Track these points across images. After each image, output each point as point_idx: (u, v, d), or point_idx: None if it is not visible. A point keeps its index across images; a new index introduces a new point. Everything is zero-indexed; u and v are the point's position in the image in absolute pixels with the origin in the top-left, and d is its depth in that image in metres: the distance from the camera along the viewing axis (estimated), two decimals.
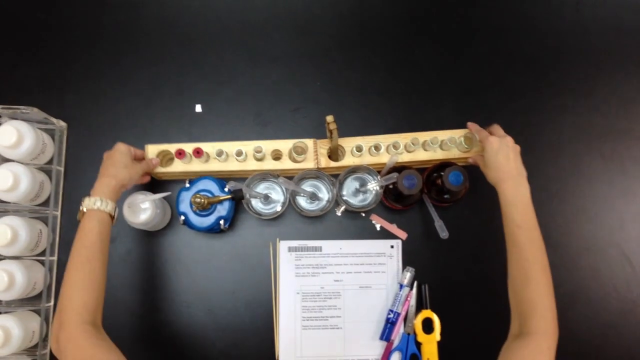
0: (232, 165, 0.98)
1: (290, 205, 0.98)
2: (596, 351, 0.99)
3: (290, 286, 1.00)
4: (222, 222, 0.94)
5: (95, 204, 0.79)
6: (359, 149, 0.97)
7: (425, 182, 0.98)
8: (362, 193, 1.01)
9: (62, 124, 1.03)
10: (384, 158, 0.98)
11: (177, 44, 1.09)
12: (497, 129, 0.91)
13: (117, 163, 0.87)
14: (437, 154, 0.99)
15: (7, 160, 0.95)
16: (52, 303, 0.98)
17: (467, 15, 1.12)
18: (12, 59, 1.07)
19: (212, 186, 0.94)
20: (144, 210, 0.91)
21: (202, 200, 0.89)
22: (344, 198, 1.00)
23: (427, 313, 0.99)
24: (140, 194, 0.91)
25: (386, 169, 0.98)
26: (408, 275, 0.99)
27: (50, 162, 1.01)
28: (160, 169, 0.97)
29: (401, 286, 0.99)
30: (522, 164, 0.86)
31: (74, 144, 1.04)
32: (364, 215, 1.03)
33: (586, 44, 1.11)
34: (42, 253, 0.98)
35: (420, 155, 0.99)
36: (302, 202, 1.01)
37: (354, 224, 1.03)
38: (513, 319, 0.80)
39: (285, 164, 0.98)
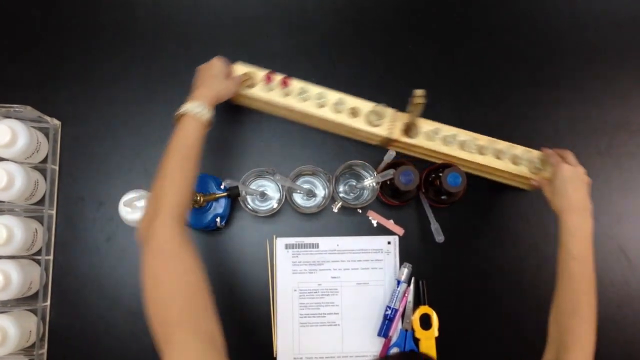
0: (310, 108, 0.97)
1: (287, 202, 0.98)
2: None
3: (288, 283, 1.00)
4: (218, 219, 0.93)
5: (195, 109, 0.81)
6: (436, 132, 0.96)
7: (424, 182, 0.98)
8: (358, 189, 1.01)
9: (56, 122, 1.03)
10: (455, 151, 0.96)
11: (172, 41, 1.08)
12: (569, 156, 0.89)
13: (213, 76, 0.89)
14: (508, 166, 0.96)
15: (1, 159, 0.94)
16: (48, 302, 0.98)
17: (462, 11, 1.12)
18: (5, 57, 1.06)
19: (208, 184, 0.94)
20: (139, 208, 0.90)
21: (198, 198, 0.89)
22: (340, 194, 1.00)
23: (424, 309, 0.99)
24: (136, 192, 0.91)
25: (383, 164, 0.98)
26: (405, 271, 0.99)
27: (44, 160, 1.00)
28: (245, 91, 0.96)
29: (398, 282, 0.99)
30: (589, 198, 0.85)
31: (69, 142, 1.03)
32: (360, 211, 1.03)
33: (581, 38, 1.11)
34: (38, 252, 0.97)
35: (491, 162, 0.96)
36: (299, 198, 1.01)
37: (351, 221, 1.03)
38: (549, 346, 0.79)
39: (360, 123, 0.96)
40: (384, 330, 0.98)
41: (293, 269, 1.01)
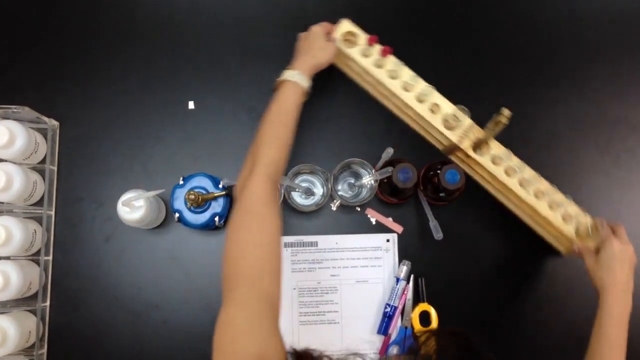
0: (396, 88, 0.95)
1: (285, 200, 0.98)
2: None
3: (287, 282, 1.00)
4: (217, 218, 0.93)
5: (294, 77, 0.85)
6: (504, 157, 0.92)
7: (422, 179, 0.98)
8: (357, 187, 1.01)
9: (54, 123, 1.03)
10: (514, 184, 0.92)
11: (169, 41, 1.08)
12: (622, 231, 0.87)
13: (314, 44, 0.92)
14: (557, 219, 0.92)
15: None
16: (47, 303, 0.98)
17: (461, 9, 1.11)
18: (3, 57, 1.06)
19: (206, 183, 0.94)
20: (138, 208, 0.90)
21: (197, 197, 0.89)
22: (339, 193, 1.00)
23: (424, 306, 0.99)
24: (134, 192, 0.91)
25: (381, 162, 0.98)
26: (404, 268, 0.99)
27: (43, 161, 1.01)
28: (344, 48, 0.97)
29: (398, 280, 0.99)
30: (633, 279, 0.83)
31: (67, 143, 1.03)
32: (359, 209, 1.03)
33: (579, 35, 1.11)
34: (37, 253, 0.97)
35: (543, 209, 0.92)
36: (297, 197, 1.01)
37: (350, 219, 1.03)
38: None
39: (437, 120, 0.94)
40: (384, 328, 0.98)
41: (292, 267, 1.01)
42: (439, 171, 0.92)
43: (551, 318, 1.00)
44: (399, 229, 1.02)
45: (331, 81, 1.07)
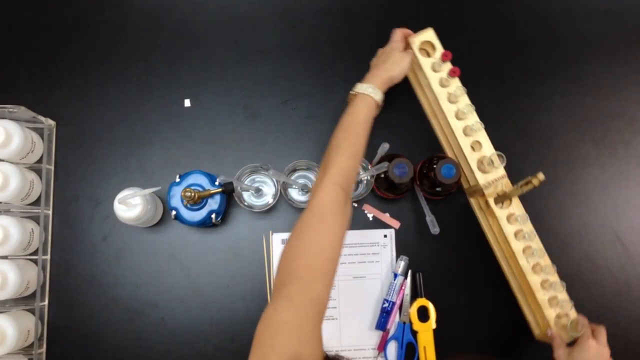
0: (449, 112, 0.95)
1: (282, 197, 0.98)
2: None
3: None
4: (213, 215, 0.93)
5: (367, 90, 0.87)
6: (520, 219, 0.90)
7: (418, 174, 0.98)
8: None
9: (51, 122, 1.03)
10: (517, 247, 0.91)
11: (165, 39, 1.08)
12: (602, 333, 0.85)
13: (388, 58, 0.94)
14: (544, 299, 0.90)
15: None
16: (46, 302, 0.98)
17: (455, 3, 1.11)
18: None
19: (202, 180, 0.94)
20: (134, 206, 0.90)
21: (193, 194, 0.89)
22: None
23: (422, 301, 0.99)
24: (130, 189, 0.91)
25: (377, 157, 0.98)
26: (402, 264, 0.99)
27: (39, 161, 1.01)
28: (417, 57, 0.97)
29: (395, 275, 0.99)
30: None
31: (63, 142, 1.04)
32: (356, 205, 1.03)
33: (575, 28, 1.11)
34: (35, 252, 0.98)
35: (535, 283, 0.90)
36: (294, 193, 1.01)
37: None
38: None
39: (473, 159, 0.93)
40: (382, 324, 0.98)
41: None
42: (435, 166, 0.92)
43: None
44: (396, 224, 1.02)
45: (329, 77, 1.08)
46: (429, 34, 0.97)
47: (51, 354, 0.97)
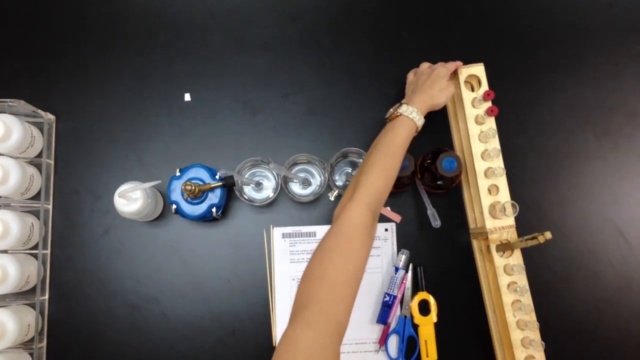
0: (476, 153, 0.95)
1: (283, 191, 0.98)
2: (593, 327, 0.99)
3: (286, 272, 1.00)
4: (214, 209, 0.93)
5: (412, 113, 0.86)
6: (517, 269, 0.89)
7: (419, 167, 0.98)
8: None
9: (51, 116, 1.03)
10: (507, 298, 0.90)
11: (165, 34, 1.08)
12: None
13: (435, 84, 0.92)
14: (520, 355, 0.88)
15: None
16: (46, 296, 0.98)
17: None
18: None
19: (203, 174, 0.93)
20: (134, 200, 0.90)
21: (193, 188, 0.89)
22: (337, 183, 1.00)
23: (423, 295, 0.99)
24: (130, 183, 0.91)
25: None
26: (403, 257, 0.99)
27: (39, 155, 1.01)
28: (462, 89, 0.97)
29: (397, 269, 0.99)
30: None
31: (63, 136, 1.03)
32: None
33: (576, 21, 1.10)
34: (35, 247, 0.97)
35: (514, 339, 0.89)
36: (295, 187, 1.00)
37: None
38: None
39: (486, 202, 0.93)
40: (383, 317, 0.97)
41: (290, 257, 1.00)
42: (436, 159, 0.92)
43: (550, 304, 0.99)
44: (397, 218, 1.02)
45: (330, 71, 1.07)
46: (479, 69, 0.97)
47: (51, 348, 0.97)
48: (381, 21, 1.09)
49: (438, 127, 1.04)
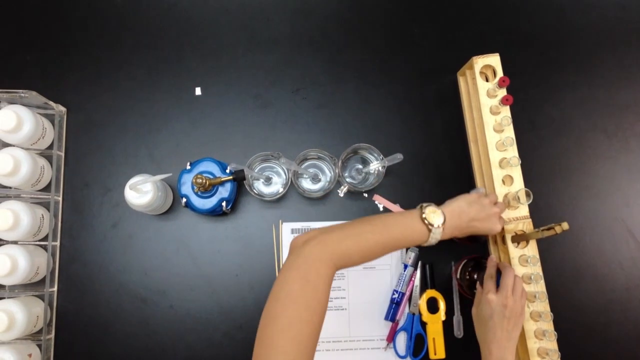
0: (491, 143, 0.93)
1: (292, 186, 0.98)
2: (602, 327, 0.99)
3: None
4: (224, 203, 0.93)
5: (434, 232, 0.74)
6: (531, 261, 0.88)
7: (460, 270, 0.96)
8: (364, 173, 1.00)
9: (62, 108, 1.03)
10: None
11: (176, 28, 1.08)
12: (508, 275, 0.82)
13: (488, 221, 0.81)
14: (532, 347, 0.88)
15: (7, 145, 0.95)
16: (55, 288, 0.98)
17: None
18: (10, 43, 1.07)
19: (213, 167, 0.93)
20: (145, 192, 0.90)
21: (204, 181, 0.89)
22: (347, 179, 1.00)
23: (432, 293, 0.98)
24: (142, 176, 0.91)
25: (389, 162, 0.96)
26: (412, 255, 0.99)
27: (50, 147, 1.01)
28: (477, 80, 0.95)
29: (405, 266, 0.99)
30: (515, 330, 0.80)
31: (74, 129, 1.03)
32: (366, 195, 1.02)
33: (588, 19, 1.10)
34: (45, 238, 0.98)
35: (528, 328, 0.88)
36: (305, 183, 1.00)
37: (357, 205, 1.02)
38: None
39: (500, 192, 0.92)
40: (391, 314, 0.97)
41: None
42: (477, 268, 0.91)
43: (559, 304, 0.99)
44: None
45: (341, 66, 1.07)
46: (494, 59, 0.96)
47: (60, 339, 0.97)
48: (392, 17, 1.09)
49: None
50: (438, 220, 0.75)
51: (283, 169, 1.00)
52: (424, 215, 0.75)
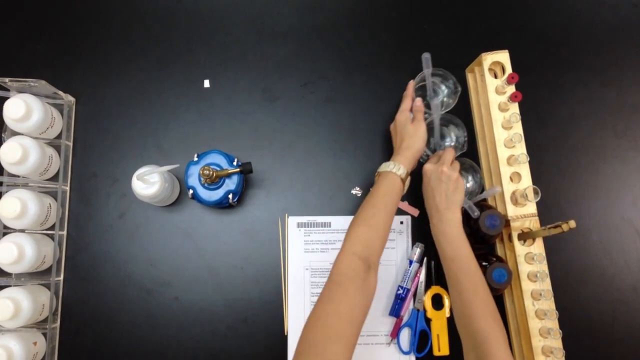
0: (499, 139, 0.94)
1: (303, 176, 0.97)
2: (608, 327, 0.98)
3: (299, 262, 1.00)
4: (230, 196, 0.93)
5: (389, 167, 0.89)
6: (537, 259, 0.89)
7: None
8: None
9: (71, 98, 1.03)
10: (526, 289, 0.90)
11: (186, 20, 1.08)
12: (448, 153, 0.91)
13: (405, 134, 0.94)
14: (537, 344, 0.88)
15: (16, 133, 0.95)
16: (61, 277, 0.98)
17: None
18: (20, 33, 1.07)
19: (220, 160, 0.93)
20: (152, 183, 0.90)
21: (211, 173, 0.89)
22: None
23: (436, 289, 0.98)
24: (149, 167, 0.91)
25: (482, 196, 0.96)
26: (418, 251, 0.99)
27: (59, 136, 1.01)
28: (486, 76, 0.96)
29: (411, 262, 0.98)
30: (455, 194, 0.88)
31: (82, 119, 1.04)
32: None
33: (598, 19, 1.09)
34: (52, 227, 0.98)
35: (532, 326, 0.89)
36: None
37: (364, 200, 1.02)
38: (467, 351, 0.79)
39: (508, 189, 0.93)
40: (396, 310, 0.97)
41: (305, 247, 1.00)
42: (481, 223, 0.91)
43: (565, 303, 0.99)
44: (415, 212, 1.01)
45: (349, 60, 1.07)
46: (503, 56, 0.96)
47: (65, 328, 0.97)
48: (402, 12, 1.09)
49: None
50: (390, 164, 0.89)
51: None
52: (382, 170, 0.90)
